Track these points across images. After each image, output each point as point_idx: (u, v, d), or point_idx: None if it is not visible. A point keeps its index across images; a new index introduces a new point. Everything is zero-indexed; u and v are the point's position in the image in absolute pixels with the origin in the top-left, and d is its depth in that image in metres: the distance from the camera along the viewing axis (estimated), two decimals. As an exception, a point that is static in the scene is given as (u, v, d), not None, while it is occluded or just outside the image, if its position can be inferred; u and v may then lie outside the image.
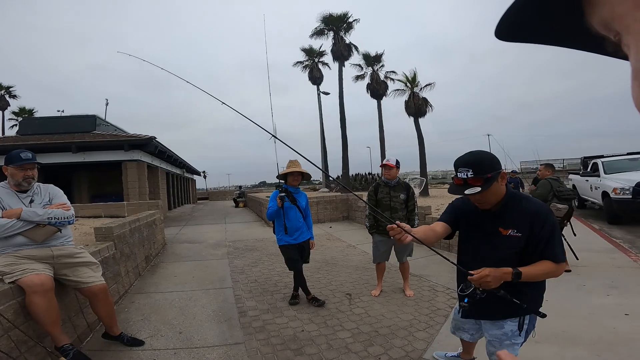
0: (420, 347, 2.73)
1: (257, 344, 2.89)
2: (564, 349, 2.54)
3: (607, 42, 0.30)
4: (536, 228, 1.62)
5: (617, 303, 3.33)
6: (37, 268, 2.46)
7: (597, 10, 0.28)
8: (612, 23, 0.27)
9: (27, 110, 29.26)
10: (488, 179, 1.60)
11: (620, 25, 0.27)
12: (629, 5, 0.25)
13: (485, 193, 1.62)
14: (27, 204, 2.65)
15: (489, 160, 1.65)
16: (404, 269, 4.00)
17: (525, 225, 1.64)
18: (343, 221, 10.76)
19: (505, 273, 1.56)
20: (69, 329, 2.74)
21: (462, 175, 1.63)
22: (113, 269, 3.89)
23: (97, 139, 13.77)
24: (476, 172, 1.60)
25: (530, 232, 1.63)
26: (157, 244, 6.73)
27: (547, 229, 1.62)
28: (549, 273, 1.61)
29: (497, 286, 1.56)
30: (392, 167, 3.83)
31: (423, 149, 19.92)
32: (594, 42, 0.31)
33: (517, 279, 1.57)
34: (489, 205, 1.72)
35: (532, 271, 1.59)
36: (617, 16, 0.26)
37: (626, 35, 0.27)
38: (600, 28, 0.29)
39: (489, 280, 1.54)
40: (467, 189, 1.61)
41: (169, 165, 19.29)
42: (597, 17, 0.28)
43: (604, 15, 0.27)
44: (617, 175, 8.11)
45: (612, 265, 4.60)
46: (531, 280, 1.62)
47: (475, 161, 1.63)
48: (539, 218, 1.63)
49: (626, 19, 0.26)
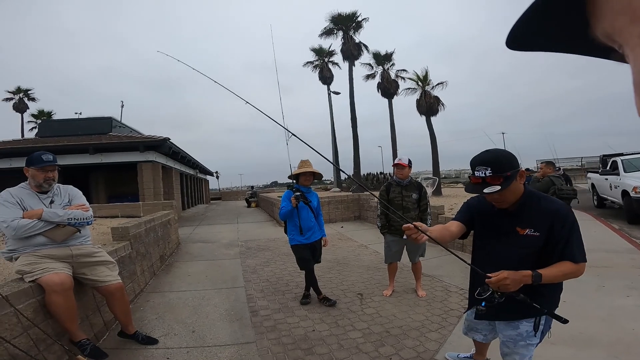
0: (432, 348, 2.71)
1: (268, 343, 2.91)
2: (580, 351, 2.48)
3: (613, 52, 0.31)
4: (556, 228, 1.58)
5: (636, 304, 3.23)
6: (57, 267, 2.52)
7: (600, 23, 0.29)
8: (613, 35, 0.28)
9: (45, 112, 30.04)
10: (507, 178, 1.57)
11: (620, 38, 0.28)
12: (626, 20, 0.26)
13: (505, 192, 1.58)
14: (48, 204, 2.72)
15: (507, 158, 1.62)
16: (417, 269, 3.97)
17: (544, 224, 1.60)
18: (355, 221, 10.73)
19: (524, 276, 1.52)
20: (86, 327, 2.81)
21: (480, 174, 1.59)
22: (129, 268, 3.98)
23: (113, 141, 14.10)
24: (495, 170, 1.57)
25: (550, 232, 1.59)
26: (171, 243, 6.85)
27: (567, 228, 1.57)
28: (568, 274, 1.56)
29: (516, 289, 1.52)
30: (405, 167, 3.80)
31: (435, 148, 19.67)
32: (601, 50, 0.32)
33: (538, 281, 1.52)
34: (507, 205, 1.68)
35: (552, 273, 1.55)
36: (616, 30, 0.27)
37: (625, 47, 0.27)
38: (604, 39, 0.30)
39: (508, 283, 1.50)
40: (486, 187, 1.57)
41: (182, 166, 19.59)
42: (600, 29, 0.29)
43: (606, 28, 0.28)
44: (637, 174, 7.86)
45: (632, 265, 4.46)
46: (552, 282, 1.58)
47: (494, 159, 1.60)
48: (558, 217, 1.59)
49: (624, 33, 0.27)
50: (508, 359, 1.81)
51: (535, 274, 1.53)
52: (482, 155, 1.64)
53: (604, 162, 10.68)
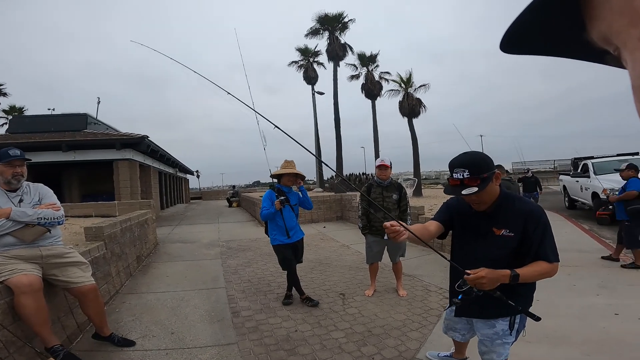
0: (414, 347, 2.74)
1: (250, 344, 2.87)
2: (554, 349, 2.57)
3: (608, 55, 0.30)
4: (529, 228, 1.63)
5: (607, 303, 3.37)
6: (26, 268, 2.42)
7: (597, 26, 0.28)
8: (611, 38, 0.28)
9: (17, 108, 28.68)
10: (484, 179, 1.60)
11: (618, 41, 0.27)
12: (625, 22, 0.25)
13: (482, 193, 1.62)
14: (17, 203, 2.60)
15: (484, 160, 1.65)
16: (397, 269, 4.01)
17: (519, 225, 1.65)
18: (337, 221, 10.76)
19: (503, 275, 1.55)
20: (58, 330, 2.69)
21: (459, 176, 1.62)
22: (103, 269, 3.84)
23: (88, 138, 13.62)
24: (472, 172, 1.60)
25: (524, 233, 1.63)
26: (148, 243, 6.66)
27: (540, 229, 1.62)
28: (543, 274, 1.61)
29: (492, 288, 1.56)
30: (388, 167, 3.85)
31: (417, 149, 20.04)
32: (596, 54, 0.32)
33: (515, 281, 1.56)
34: (485, 206, 1.72)
35: (528, 272, 1.59)
36: (614, 32, 0.27)
37: (623, 50, 0.27)
38: (600, 42, 0.29)
39: (484, 282, 1.53)
40: (464, 189, 1.61)
41: (161, 165, 19.12)
42: (597, 32, 0.29)
43: (603, 30, 0.28)
44: (606, 176, 8.23)
45: (601, 265, 4.66)
46: (528, 282, 1.62)
47: (471, 162, 1.63)
48: (532, 218, 1.64)
49: (622, 35, 0.26)
50: (485, 357, 1.85)
51: (514, 273, 1.56)
52: (460, 158, 1.67)
53: (575, 164, 11.15)
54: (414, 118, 20.11)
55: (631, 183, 4.98)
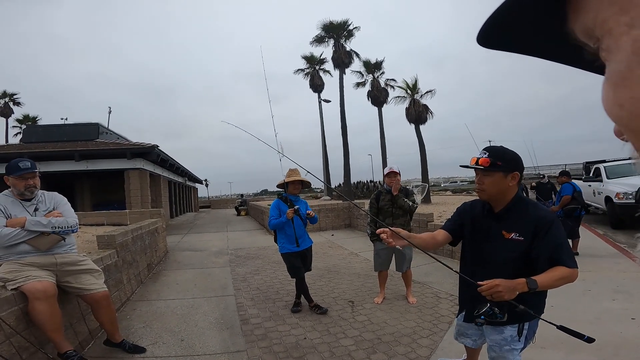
0: (424, 354, 2.71)
1: (259, 351, 2.87)
2: (569, 355, 2.51)
3: (585, 50, 0.31)
4: (540, 234, 1.60)
5: (623, 307, 3.29)
6: (40, 275, 2.46)
7: (581, 17, 0.29)
8: (594, 29, 0.28)
9: (30, 117, 29.36)
10: (495, 165, 1.64)
11: (602, 30, 0.27)
12: (615, 10, 0.26)
13: (487, 177, 1.66)
14: (32, 212, 2.66)
15: (510, 155, 1.69)
16: (407, 276, 3.97)
17: (529, 230, 1.63)
18: (345, 229, 10.73)
19: (519, 284, 1.50)
20: (70, 336, 2.73)
21: (478, 155, 1.69)
22: (115, 276, 3.89)
23: (100, 147, 13.86)
24: (490, 155, 1.66)
25: (534, 238, 1.61)
26: (159, 251, 6.72)
27: (553, 234, 1.60)
28: (563, 278, 1.55)
29: (512, 298, 1.50)
30: (397, 174, 3.85)
31: (424, 156, 19.92)
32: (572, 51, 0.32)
33: (534, 287, 1.51)
34: (487, 196, 1.73)
35: (547, 279, 1.54)
36: (600, 21, 0.27)
37: (608, 38, 0.27)
38: (581, 35, 0.30)
39: (501, 290, 1.48)
40: (477, 165, 1.67)
41: (171, 174, 19.35)
42: (580, 23, 0.29)
43: (587, 22, 0.28)
44: (619, 180, 8.09)
45: (617, 270, 4.56)
46: (547, 288, 1.58)
47: (498, 149, 1.70)
48: (543, 224, 1.61)
49: (609, 22, 0.27)
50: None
51: (530, 280, 1.51)
52: (493, 146, 1.75)
53: (587, 169, 10.96)
54: (421, 124, 20.04)
55: (564, 188, 5.65)
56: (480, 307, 1.58)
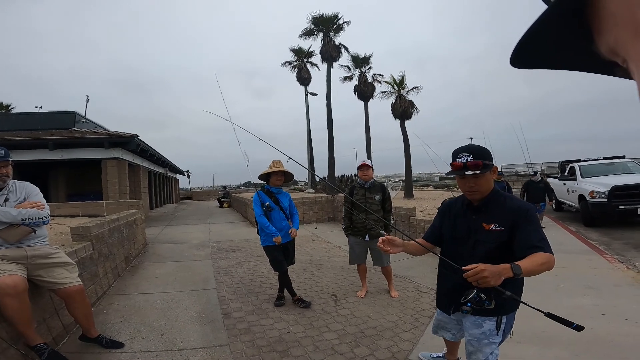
0: (406, 348, 2.74)
1: (242, 345, 2.84)
2: (544, 349, 2.60)
3: (617, 67, 0.31)
4: (519, 222, 1.68)
5: (594, 304, 3.43)
6: (10, 269, 2.35)
7: (604, 38, 0.29)
8: (617, 50, 0.28)
9: (4, 105, 28.03)
10: (486, 165, 1.71)
11: (624, 53, 0.28)
12: (630, 35, 0.26)
13: (481, 179, 1.72)
14: (2, 202, 2.53)
15: (486, 151, 1.78)
16: (387, 272, 4.00)
17: (508, 220, 1.70)
18: (329, 222, 10.75)
19: (504, 269, 1.49)
20: (43, 331, 2.63)
21: (462, 160, 1.72)
22: (90, 269, 3.76)
23: (75, 136, 13.33)
24: (475, 157, 1.71)
25: (513, 227, 1.68)
26: (137, 244, 6.55)
27: (531, 222, 1.68)
28: (545, 263, 1.56)
29: (497, 284, 1.49)
30: (370, 168, 3.87)
31: (408, 151, 20.14)
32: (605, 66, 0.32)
33: (518, 272, 1.50)
34: (480, 195, 1.78)
35: (529, 264, 1.54)
36: (620, 44, 0.28)
37: (630, 62, 0.28)
38: (608, 54, 0.30)
39: (486, 275, 1.46)
40: (467, 171, 1.70)
41: (151, 164, 18.85)
42: (605, 44, 0.30)
43: (610, 43, 0.29)
44: (593, 179, 8.41)
45: (588, 266, 4.74)
46: (530, 275, 1.58)
47: (475, 149, 1.76)
48: (521, 213, 1.70)
49: (627, 47, 0.27)
50: (473, 357, 1.86)
51: (514, 265, 1.51)
52: (465, 146, 1.78)
53: (563, 167, 11.34)
54: (406, 120, 20.21)
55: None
56: (467, 294, 1.59)
